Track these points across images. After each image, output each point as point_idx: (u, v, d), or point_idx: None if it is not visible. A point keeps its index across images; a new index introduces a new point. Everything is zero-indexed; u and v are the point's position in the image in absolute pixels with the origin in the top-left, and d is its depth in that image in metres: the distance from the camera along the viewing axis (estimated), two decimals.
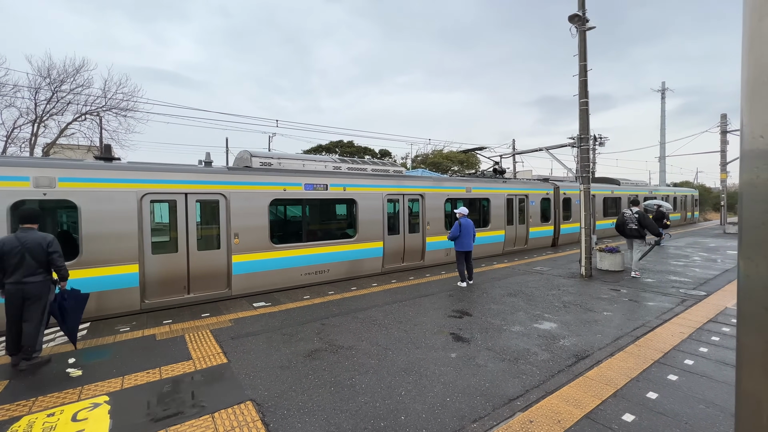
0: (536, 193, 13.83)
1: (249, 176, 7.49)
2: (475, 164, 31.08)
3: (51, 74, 17.71)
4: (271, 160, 8.22)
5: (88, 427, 3.07)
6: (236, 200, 7.21)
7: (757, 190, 0.40)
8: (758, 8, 0.41)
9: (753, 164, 0.41)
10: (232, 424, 3.08)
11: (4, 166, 5.45)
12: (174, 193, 6.66)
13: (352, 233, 8.98)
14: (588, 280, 8.46)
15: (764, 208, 0.39)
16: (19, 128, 17.61)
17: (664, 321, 5.52)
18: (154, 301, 6.43)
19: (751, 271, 0.42)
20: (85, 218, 5.89)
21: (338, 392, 3.58)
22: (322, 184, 8.39)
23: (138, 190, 6.31)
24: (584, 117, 8.85)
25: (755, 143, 0.41)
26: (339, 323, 5.58)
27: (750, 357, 0.43)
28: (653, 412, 3.18)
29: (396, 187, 9.71)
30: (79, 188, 5.88)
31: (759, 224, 0.40)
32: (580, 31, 8.65)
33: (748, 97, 0.42)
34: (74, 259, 5.78)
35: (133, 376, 3.95)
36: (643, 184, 24.63)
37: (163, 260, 6.53)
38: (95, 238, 5.94)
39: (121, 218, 6.15)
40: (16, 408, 3.37)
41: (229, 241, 7.13)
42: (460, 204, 11.24)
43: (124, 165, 6.47)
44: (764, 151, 0.39)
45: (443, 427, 3.02)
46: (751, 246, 0.42)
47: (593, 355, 4.38)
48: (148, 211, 6.44)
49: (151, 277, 6.41)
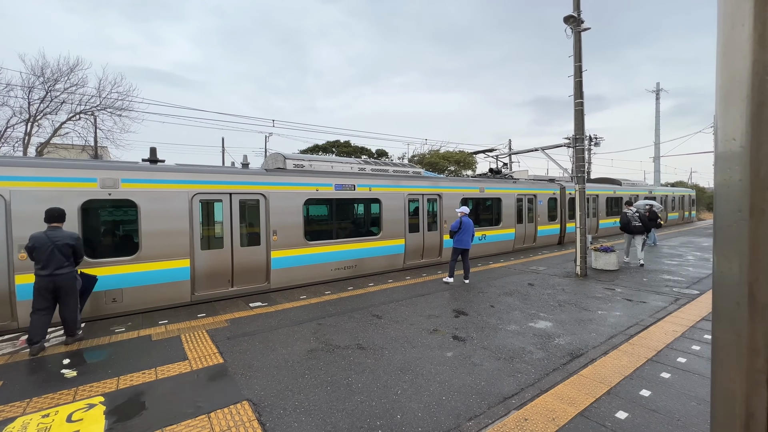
0: (544, 193, 14.33)
1: (285, 177, 7.97)
2: (472, 164, 31.16)
3: (45, 73, 17.57)
4: (303, 161, 8.67)
5: (84, 427, 3.06)
6: (275, 200, 7.68)
7: (730, 191, 0.41)
8: (730, 16, 0.43)
9: (726, 165, 0.43)
10: (228, 424, 3.08)
11: (75, 169, 5.89)
12: (220, 193, 7.11)
13: (377, 231, 9.43)
14: (583, 279, 8.52)
15: (736, 207, 0.41)
16: (12, 127, 17.44)
17: (658, 320, 5.58)
18: (202, 294, 6.86)
19: (724, 268, 0.44)
20: (144, 216, 6.32)
21: (334, 392, 3.59)
22: (350, 184, 8.89)
23: (189, 191, 6.75)
24: (579, 117, 8.91)
25: (728, 145, 0.42)
26: (335, 323, 5.59)
27: (723, 350, 0.45)
28: (646, 410, 3.22)
29: (416, 187, 10.19)
30: (139, 188, 6.32)
31: (731, 223, 0.42)
32: (575, 32, 8.71)
33: (721, 100, 0.44)
34: (134, 254, 6.24)
35: (128, 377, 3.94)
36: (643, 184, 24.86)
37: (210, 255, 6.98)
38: (153, 234, 6.36)
39: (175, 216, 6.58)
40: (10, 409, 3.35)
41: (268, 238, 7.58)
42: (470, 203, 11.67)
43: (175, 167, 6.87)
44: (736, 153, 0.41)
45: (439, 426, 3.04)
46: (724, 244, 0.44)
47: (587, 354, 4.42)
48: (198, 210, 6.88)
49: (201, 271, 6.85)
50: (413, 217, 10.17)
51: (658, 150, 37.79)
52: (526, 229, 13.57)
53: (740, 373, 0.41)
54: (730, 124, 0.41)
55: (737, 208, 0.40)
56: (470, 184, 11.81)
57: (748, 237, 0.40)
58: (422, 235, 10.31)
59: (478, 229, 11.83)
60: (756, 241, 0.39)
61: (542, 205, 14.21)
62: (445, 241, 10.70)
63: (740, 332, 0.41)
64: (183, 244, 6.62)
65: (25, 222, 5.35)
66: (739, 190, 0.41)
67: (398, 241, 9.72)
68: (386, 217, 9.47)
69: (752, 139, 0.40)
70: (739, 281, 0.41)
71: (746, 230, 0.40)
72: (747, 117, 0.40)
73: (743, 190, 0.41)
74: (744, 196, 0.41)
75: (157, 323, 5.68)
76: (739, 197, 0.41)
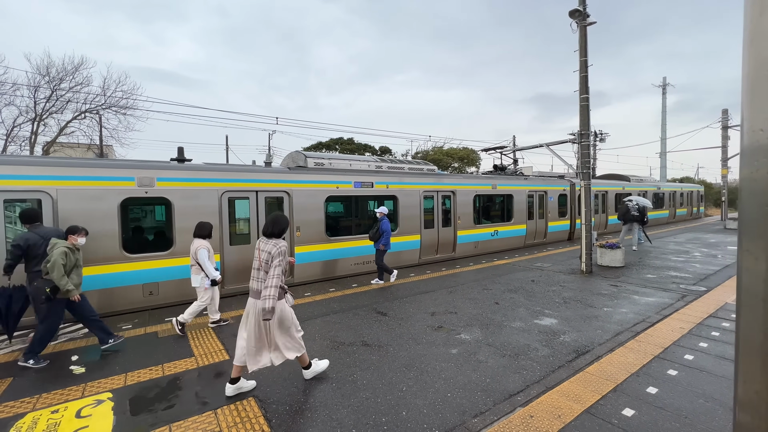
0: (554, 189, 14.46)
1: (307, 175, 8.17)
2: (475, 161, 31.01)
3: (50, 72, 17.68)
4: (323, 160, 8.90)
5: (92, 423, 3.09)
6: (298, 197, 7.92)
7: (756, 185, 0.40)
8: (759, 3, 0.41)
9: (753, 158, 0.41)
10: (234, 420, 3.10)
11: (115, 168, 6.14)
12: (247, 191, 7.35)
13: (393, 227, 9.44)
14: (588, 276, 8.47)
15: (763, 201, 0.39)
16: (18, 127, 17.59)
17: (664, 316, 5.53)
18: (231, 287, 7.10)
19: (750, 265, 0.43)
20: (178, 213, 6.55)
21: (339, 388, 3.60)
22: (368, 182, 9.09)
23: (219, 189, 7.00)
24: (585, 113, 8.82)
25: (755, 137, 0.41)
26: (340, 320, 5.60)
27: (748, 347, 0.44)
28: (653, 407, 3.20)
29: (431, 184, 10.35)
30: (173, 187, 6.56)
31: (758, 218, 0.40)
32: (580, 27, 8.60)
33: (749, 91, 0.42)
34: (169, 250, 6.48)
35: (136, 373, 3.98)
36: (651, 180, 24.58)
37: (239, 251, 7.19)
38: (186, 231, 6.42)
39: (206, 213, 6.75)
40: (20, 405, 3.39)
41: (291, 234, 7.79)
42: (480, 199, 11.65)
43: (204, 166, 7.10)
44: (764, 145, 0.39)
45: (444, 422, 3.04)
46: (749, 240, 0.43)
47: (593, 351, 4.39)
48: (226, 207, 7.10)
49: (230, 265, 7.07)
50: (428, 214, 10.30)
51: (664, 145, 37.41)
52: (537, 225, 13.71)
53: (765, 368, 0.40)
54: (757, 114, 0.39)
55: (764, 202, 0.39)
56: (483, 181, 11.95)
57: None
58: (437, 231, 10.48)
59: (491, 225, 12.01)
60: None
61: (552, 202, 14.33)
62: (459, 237, 10.91)
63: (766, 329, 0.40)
64: (214, 240, 6.74)
65: (70, 219, 5.54)
66: (767, 183, 0.39)
67: (414, 237, 9.88)
68: (403, 213, 9.63)
69: None
70: (765, 278, 0.39)
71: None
72: None
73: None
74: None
75: (164, 320, 5.72)
76: (767, 190, 0.39)
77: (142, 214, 6.83)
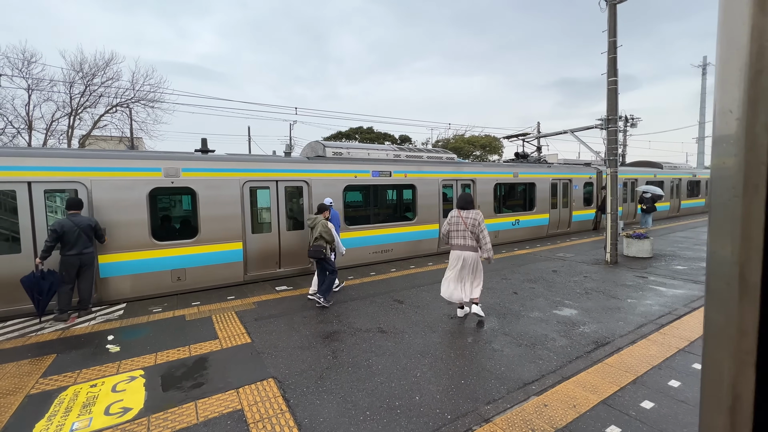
0: (579, 177, 14.00)
1: (326, 165, 8.26)
2: (498, 149, 30.32)
3: (83, 68, 18.51)
4: (341, 149, 8.96)
5: (126, 397, 3.34)
6: (317, 186, 8.01)
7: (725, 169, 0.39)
8: None
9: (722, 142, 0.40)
10: (255, 399, 3.26)
11: (144, 159, 6.43)
12: (268, 181, 7.51)
13: (412, 216, 9.62)
14: (613, 266, 8.21)
15: (730, 185, 0.38)
16: (57, 121, 18.60)
17: (693, 309, 5.32)
18: (253, 274, 7.35)
19: (717, 247, 0.42)
20: (203, 203, 6.77)
21: (355, 372, 3.70)
22: (387, 171, 9.09)
23: (241, 179, 7.17)
24: (613, 97, 8.42)
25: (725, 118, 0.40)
26: (357, 307, 5.72)
27: (714, 332, 0.44)
28: (674, 400, 3.12)
29: (450, 173, 10.27)
30: (198, 177, 6.77)
31: (724, 201, 0.40)
32: (609, 5, 8.16)
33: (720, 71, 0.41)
34: (194, 237, 6.74)
35: (165, 353, 4.23)
36: (686, 167, 23.13)
37: (260, 239, 7.43)
38: (210, 219, 6.82)
39: (229, 203, 7.01)
40: (63, 379, 3.69)
41: None
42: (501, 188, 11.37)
43: (227, 156, 7.31)
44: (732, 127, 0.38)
45: (457, 408, 3.08)
46: (716, 223, 0.42)
47: (614, 342, 4.30)
48: (248, 196, 7.29)
49: (252, 253, 7.32)
50: (447, 203, 10.21)
51: (702, 130, 35.12)
52: (560, 214, 13.31)
53: (729, 354, 0.40)
54: (727, 95, 0.38)
55: (731, 186, 0.38)
56: (504, 169, 11.75)
57: (741, 216, 0.38)
58: None
59: (512, 215, 11.73)
60: (748, 219, 0.37)
61: (578, 190, 13.86)
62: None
63: (730, 313, 0.39)
64: (236, 228, 7.06)
65: (103, 207, 5.97)
66: (735, 166, 0.38)
67: (433, 225, 9.84)
68: (421, 202, 9.60)
69: (748, 109, 0.37)
70: (730, 261, 0.39)
71: (739, 209, 0.38)
72: (744, 86, 0.37)
73: (738, 166, 0.38)
74: (739, 173, 0.38)
75: (191, 304, 6.02)
76: (734, 174, 0.38)
77: (169, 203, 7.15)
